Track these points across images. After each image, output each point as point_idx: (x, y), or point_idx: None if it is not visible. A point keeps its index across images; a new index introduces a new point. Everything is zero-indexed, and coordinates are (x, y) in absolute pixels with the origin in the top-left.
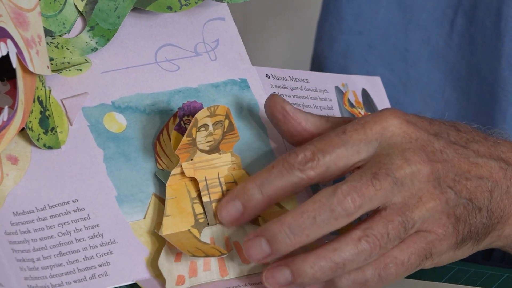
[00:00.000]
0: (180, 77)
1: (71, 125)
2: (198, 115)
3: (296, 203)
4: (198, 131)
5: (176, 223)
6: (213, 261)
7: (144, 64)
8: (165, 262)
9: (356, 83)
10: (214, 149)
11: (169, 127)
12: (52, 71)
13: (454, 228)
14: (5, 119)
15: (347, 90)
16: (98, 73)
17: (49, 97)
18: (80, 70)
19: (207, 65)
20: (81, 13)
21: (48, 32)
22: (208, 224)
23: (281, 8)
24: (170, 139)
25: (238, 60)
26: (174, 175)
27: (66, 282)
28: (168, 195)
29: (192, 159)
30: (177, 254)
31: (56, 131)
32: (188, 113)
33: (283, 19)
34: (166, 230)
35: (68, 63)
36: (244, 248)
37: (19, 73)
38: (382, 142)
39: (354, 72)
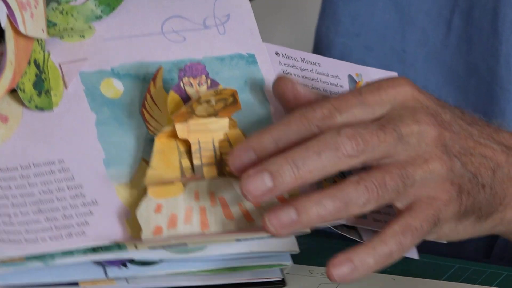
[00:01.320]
0: (185, 48)
1: (66, 88)
2: (203, 95)
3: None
4: (199, 104)
5: (160, 176)
6: (195, 215)
7: (149, 34)
8: (143, 212)
9: (371, 76)
10: (211, 115)
11: (151, 91)
12: (54, 35)
13: (457, 196)
14: None
15: (361, 80)
16: (101, 40)
17: (47, 60)
18: (83, 36)
19: (214, 39)
20: None
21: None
22: (196, 180)
23: (279, 12)
24: (155, 103)
25: (248, 35)
26: (165, 131)
27: (41, 239)
28: (155, 148)
29: (187, 121)
30: (158, 205)
31: (50, 94)
32: (189, 74)
33: (281, 23)
34: (149, 181)
35: (72, 29)
36: (243, 184)
37: (8, 33)
38: (395, 105)
39: None
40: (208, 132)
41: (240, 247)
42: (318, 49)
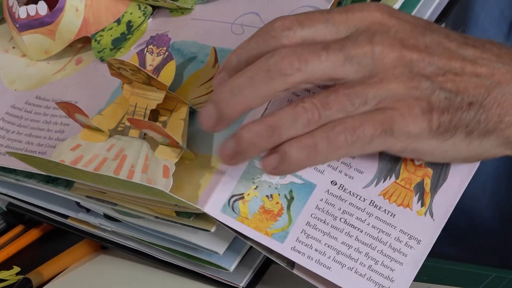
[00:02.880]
0: (237, 40)
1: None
2: (128, 64)
3: None
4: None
5: (101, 122)
6: (95, 162)
7: (221, 21)
8: (63, 147)
9: None
10: (145, 83)
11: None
12: (159, 6)
13: (423, 112)
14: (41, 13)
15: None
16: (188, 19)
17: (141, 25)
18: (183, 13)
19: None
20: None
21: None
22: (121, 134)
23: None
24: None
25: None
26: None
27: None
28: (115, 100)
29: (132, 84)
30: (77, 145)
31: (119, 51)
32: (155, 43)
33: None
34: (93, 124)
35: (178, 6)
36: (200, 118)
37: None
38: (360, 28)
39: None
40: (145, 99)
41: (164, 227)
42: None
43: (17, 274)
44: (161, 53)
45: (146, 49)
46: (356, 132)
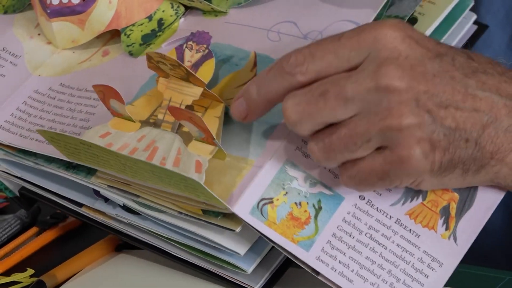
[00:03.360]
0: (273, 47)
1: (161, 46)
2: (167, 57)
3: None
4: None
5: (132, 112)
6: (125, 151)
7: (258, 27)
8: (92, 133)
9: None
10: (183, 79)
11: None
12: (192, 7)
13: (425, 156)
14: (74, 1)
15: None
16: (222, 22)
17: (173, 24)
18: (216, 15)
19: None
20: None
21: None
22: (153, 126)
23: None
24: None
25: None
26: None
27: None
28: (148, 91)
29: (168, 77)
30: (107, 132)
31: (148, 47)
32: (195, 39)
33: None
34: (127, 113)
35: (212, 8)
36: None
37: None
38: (372, 53)
39: None
40: (181, 94)
41: (185, 223)
42: None
43: (31, 276)
44: (201, 50)
45: (185, 45)
46: (360, 180)
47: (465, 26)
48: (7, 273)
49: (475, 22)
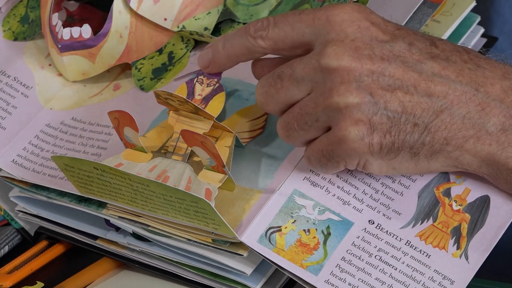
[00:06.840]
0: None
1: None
2: (175, 95)
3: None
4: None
5: (144, 143)
6: None
7: None
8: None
9: None
10: (192, 112)
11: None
12: (202, 41)
13: (361, 138)
14: (84, 35)
15: None
16: None
17: (183, 58)
18: None
19: None
20: (270, 12)
21: (233, 16)
22: (164, 156)
23: None
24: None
25: None
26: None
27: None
28: (160, 124)
29: (179, 111)
30: (119, 163)
31: (159, 81)
32: (206, 74)
33: None
34: (140, 145)
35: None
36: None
37: (117, 5)
38: (321, 35)
39: None
40: (191, 127)
41: (194, 247)
42: None
43: None
44: (212, 84)
45: (196, 79)
46: (315, 160)
47: (472, 40)
48: (17, 286)
49: (484, 35)
